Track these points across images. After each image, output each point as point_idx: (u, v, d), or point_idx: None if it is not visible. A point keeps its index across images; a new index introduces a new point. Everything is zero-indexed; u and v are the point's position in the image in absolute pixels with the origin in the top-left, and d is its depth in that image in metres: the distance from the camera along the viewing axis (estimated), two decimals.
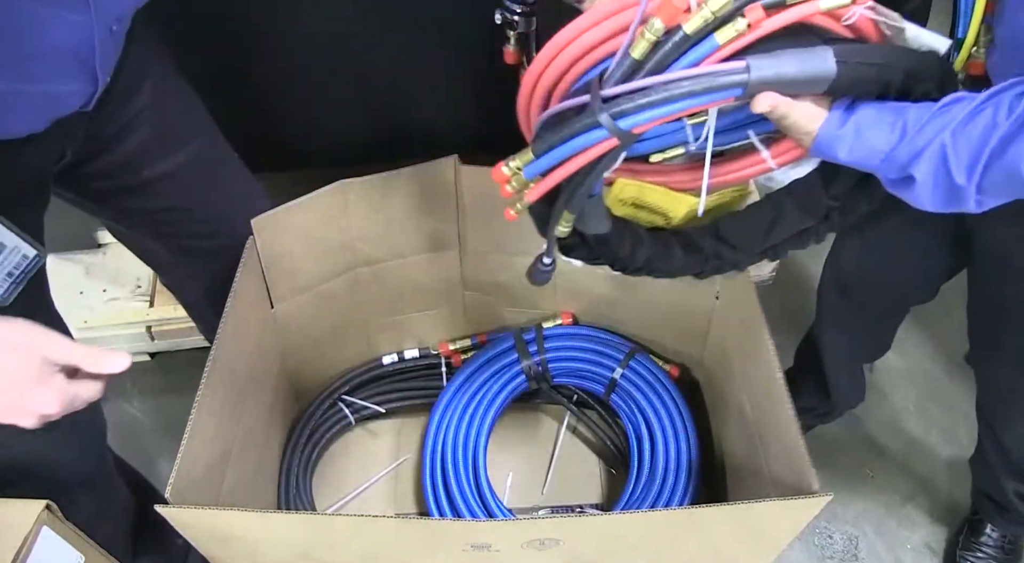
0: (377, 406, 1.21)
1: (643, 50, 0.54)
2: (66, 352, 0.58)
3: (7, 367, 0.56)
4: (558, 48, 0.59)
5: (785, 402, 0.81)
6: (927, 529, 1.26)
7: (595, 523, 0.75)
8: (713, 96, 0.54)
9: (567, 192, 0.62)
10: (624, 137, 0.54)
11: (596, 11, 0.56)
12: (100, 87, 0.68)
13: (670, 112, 0.54)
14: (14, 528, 0.79)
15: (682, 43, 0.53)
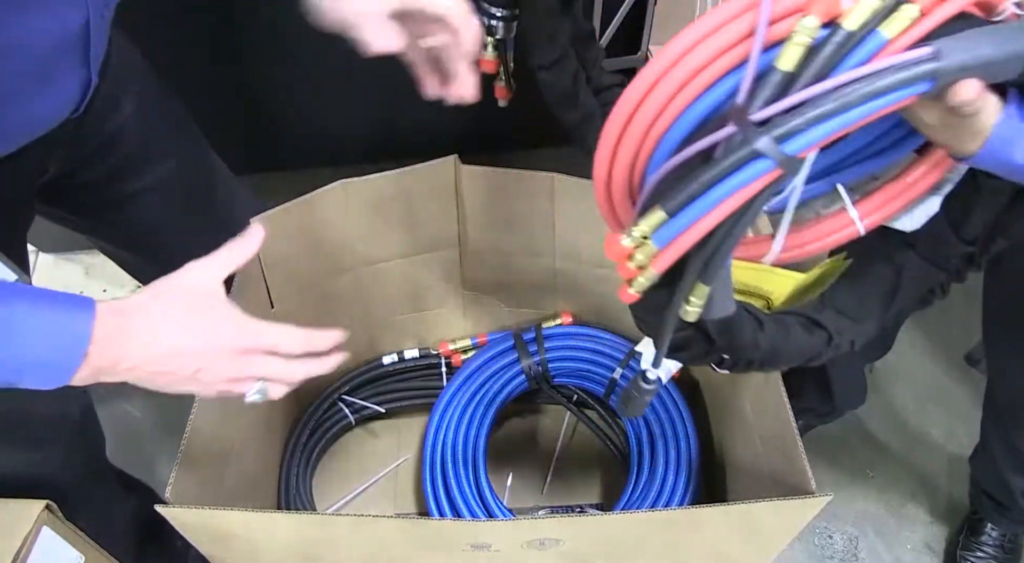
0: (377, 406, 1.21)
1: (796, 58, 0.43)
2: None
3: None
4: (658, 75, 0.46)
5: (783, 402, 0.80)
6: (927, 529, 1.26)
7: (595, 523, 0.75)
8: (900, 93, 0.44)
9: (701, 257, 0.49)
10: (790, 165, 0.44)
11: (703, 24, 0.45)
12: (91, 87, 0.66)
13: (846, 123, 0.45)
14: (14, 528, 0.79)
15: (845, 42, 0.43)
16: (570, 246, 1.10)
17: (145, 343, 0.53)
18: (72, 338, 0.50)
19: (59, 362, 0.50)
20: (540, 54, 0.79)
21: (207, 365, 0.56)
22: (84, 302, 0.51)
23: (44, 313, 0.50)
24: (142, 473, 1.19)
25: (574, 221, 1.06)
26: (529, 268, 1.15)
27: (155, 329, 0.54)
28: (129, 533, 1.04)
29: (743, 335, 0.61)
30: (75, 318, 0.50)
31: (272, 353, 0.58)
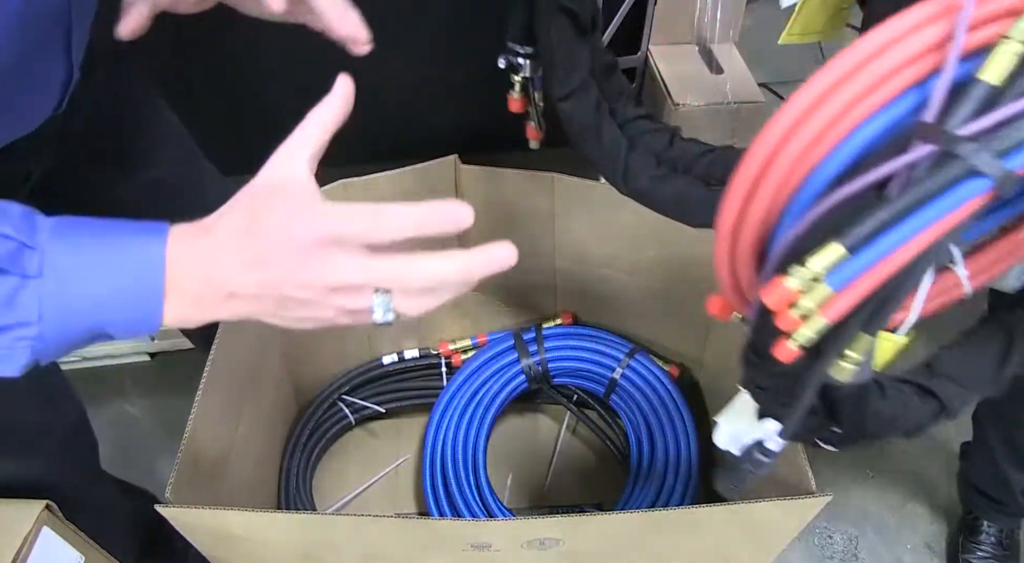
0: (377, 406, 1.21)
1: (1007, 67, 0.37)
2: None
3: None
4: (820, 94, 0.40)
5: None
6: (927, 529, 1.26)
7: (595, 523, 0.75)
8: None
9: (874, 300, 0.41)
10: (1007, 184, 0.38)
11: (887, 30, 0.38)
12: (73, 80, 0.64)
13: None
14: (14, 528, 0.79)
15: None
16: (570, 246, 1.10)
17: (225, 260, 0.44)
18: (143, 266, 0.43)
19: (135, 298, 0.43)
20: (557, 85, 0.77)
21: (292, 274, 0.43)
22: (155, 226, 0.45)
23: (109, 240, 0.44)
24: (142, 473, 1.20)
25: (574, 221, 1.06)
26: (529, 268, 1.15)
27: (233, 240, 0.44)
28: (128, 537, 1.04)
29: (869, 403, 0.53)
30: (144, 241, 0.44)
31: (374, 249, 0.45)
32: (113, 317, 0.44)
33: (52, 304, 0.42)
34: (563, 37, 0.75)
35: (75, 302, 0.43)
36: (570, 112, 0.78)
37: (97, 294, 0.43)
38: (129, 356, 1.44)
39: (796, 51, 0.85)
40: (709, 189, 0.72)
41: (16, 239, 0.41)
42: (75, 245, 0.43)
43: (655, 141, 0.77)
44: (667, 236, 1.03)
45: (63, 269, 0.42)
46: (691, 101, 1.09)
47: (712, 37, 1.20)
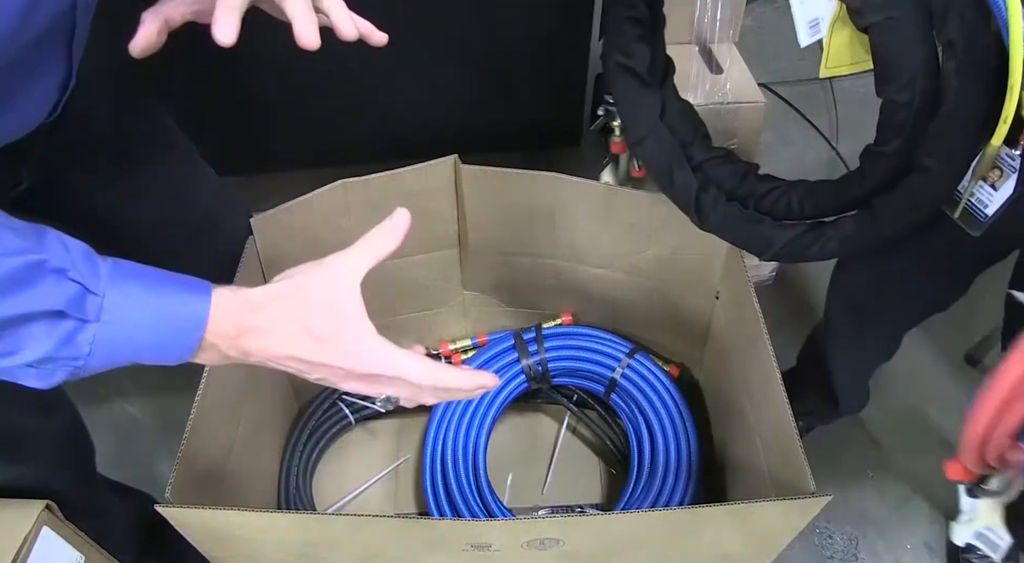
0: (377, 406, 1.21)
1: None
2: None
3: None
4: None
5: (783, 403, 0.80)
6: (927, 529, 1.26)
7: (595, 523, 0.75)
8: None
9: None
10: None
11: None
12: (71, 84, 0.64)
13: None
14: (14, 528, 0.79)
15: None
16: (570, 246, 1.10)
17: (264, 344, 0.52)
18: (186, 324, 0.50)
19: (173, 346, 0.50)
20: (629, 133, 0.85)
21: (328, 377, 0.54)
22: (200, 289, 0.51)
23: (159, 296, 0.49)
24: (142, 473, 1.20)
25: (574, 221, 1.06)
26: (529, 268, 1.15)
27: (276, 332, 0.52)
28: (126, 538, 1.04)
29: None
30: (190, 305, 0.50)
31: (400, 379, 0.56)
32: (148, 357, 0.50)
33: (102, 345, 0.47)
34: (627, 91, 0.83)
35: (122, 345, 0.48)
36: (643, 156, 0.85)
37: (142, 341, 0.49)
38: None
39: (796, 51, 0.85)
40: (778, 225, 0.77)
41: (80, 284, 0.46)
42: (130, 295, 0.48)
43: (726, 180, 0.82)
44: (667, 236, 1.03)
45: (118, 317, 0.47)
46: (691, 101, 1.09)
47: (712, 37, 1.20)
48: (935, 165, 0.63)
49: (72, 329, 0.46)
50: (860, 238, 0.73)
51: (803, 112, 1.93)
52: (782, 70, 1.94)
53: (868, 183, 0.70)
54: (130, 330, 0.48)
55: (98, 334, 0.47)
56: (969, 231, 0.72)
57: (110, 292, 0.47)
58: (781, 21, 2.20)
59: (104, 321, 0.47)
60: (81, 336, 0.46)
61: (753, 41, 2.12)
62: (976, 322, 1.46)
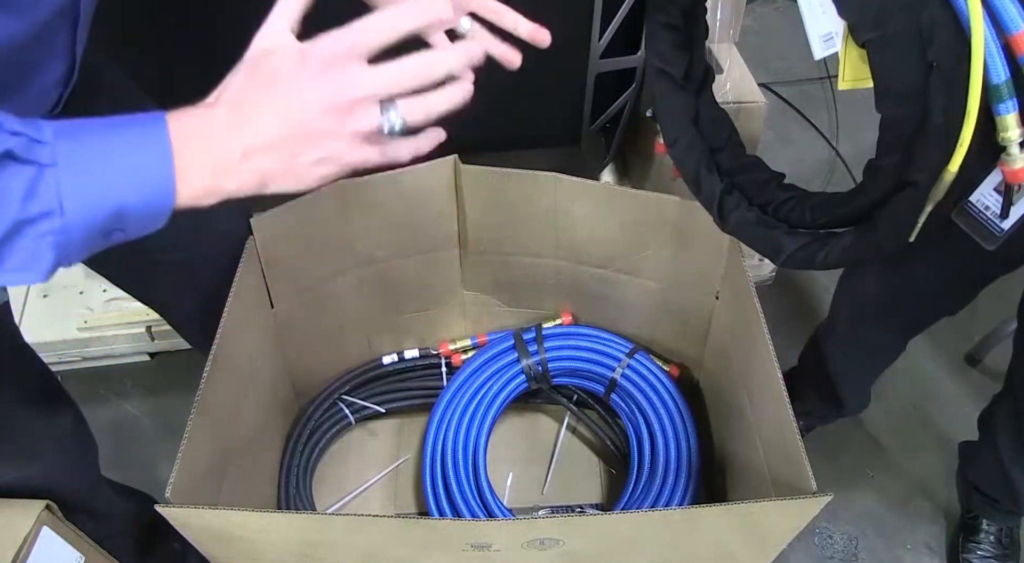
0: (377, 406, 1.21)
1: None
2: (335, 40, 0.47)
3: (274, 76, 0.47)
4: None
5: (783, 402, 0.80)
6: (927, 529, 1.26)
7: (595, 523, 0.75)
8: None
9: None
10: None
11: None
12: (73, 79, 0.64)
13: None
14: (14, 528, 0.79)
15: None
16: (570, 246, 1.10)
17: (236, 118, 0.46)
18: (149, 138, 0.45)
19: (148, 166, 0.45)
20: (665, 132, 0.88)
21: (307, 103, 0.46)
22: (153, 113, 0.46)
23: (112, 128, 0.45)
24: (142, 473, 1.20)
25: (574, 221, 1.06)
26: (529, 268, 1.15)
27: (240, 99, 0.47)
28: (127, 539, 1.04)
29: None
30: (145, 120, 0.46)
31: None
32: (130, 198, 0.45)
33: (70, 191, 0.43)
34: (663, 94, 0.87)
35: (91, 187, 0.44)
36: (675, 157, 0.88)
37: (110, 177, 0.44)
38: (129, 356, 1.44)
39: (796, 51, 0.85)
40: (790, 233, 0.79)
41: (24, 134, 0.42)
42: (80, 139, 0.44)
43: (749, 186, 0.85)
44: (667, 236, 1.03)
45: (74, 158, 0.43)
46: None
47: (712, 37, 1.20)
48: (922, 180, 0.64)
49: (32, 176, 0.42)
50: (858, 249, 0.74)
51: (803, 112, 1.93)
52: (782, 70, 1.94)
53: (870, 197, 0.71)
54: (94, 170, 0.44)
55: (61, 180, 0.43)
56: (984, 245, 0.72)
57: (59, 140, 0.43)
58: (781, 21, 2.20)
59: (62, 165, 0.43)
60: (43, 185, 0.42)
61: (753, 41, 2.12)
62: (976, 322, 1.46)
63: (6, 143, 0.42)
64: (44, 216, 0.43)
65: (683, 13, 0.86)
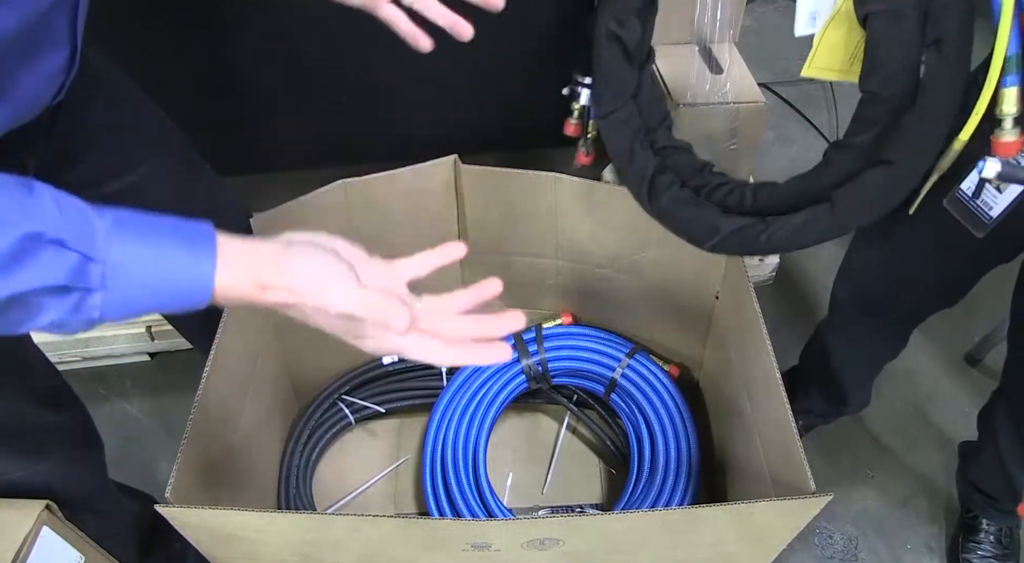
0: (377, 406, 1.21)
1: None
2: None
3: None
4: None
5: (783, 402, 0.80)
6: (927, 529, 1.26)
7: (595, 523, 0.75)
8: None
9: None
10: None
11: None
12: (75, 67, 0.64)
13: None
14: (14, 528, 0.79)
15: None
16: (570, 246, 1.10)
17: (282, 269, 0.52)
18: (193, 284, 0.49)
19: (185, 299, 0.49)
20: (602, 104, 0.85)
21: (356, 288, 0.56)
22: (204, 244, 0.50)
23: (162, 254, 0.48)
24: (142, 473, 1.20)
25: (574, 221, 1.06)
26: (529, 268, 1.15)
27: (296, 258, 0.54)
28: (130, 539, 1.04)
29: None
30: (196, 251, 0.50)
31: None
32: (164, 308, 0.49)
33: (111, 307, 0.47)
34: (612, 61, 0.84)
35: (132, 302, 0.48)
36: (608, 129, 0.85)
37: (151, 297, 0.48)
38: (129, 356, 1.44)
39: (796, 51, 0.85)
40: (726, 215, 0.78)
41: (80, 253, 0.45)
42: (132, 256, 0.47)
43: (683, 168, 0.83)
44: (667, 236, 1.03)
45: (122, 282, 0.47)
46: (691, 101, 1.09)
47: (712, 37, 1.20)
48: (898, 159, 0.65)
49: (78, 299, 0.45)
50: (811, 229, 0.73)
51: (803, 112, 1.93)
52: (782, 70, 1.94)
53: (833, 175, 0.71)
54: (137, 289, 0.47)
55: (105, 298, 0.46)
56: (974, 232, 0.72)
57: (112, 255, 0.46)
58: (781, 21, 2.19)
59: (109, 287, 0.46)
60: (89, 301, 0.46)
61: (753, 41, 2.12)
62: (976, 322, 1.46)
63: (63, 270, 0.44)
64: (84, 322, 0.47)
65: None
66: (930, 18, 0.60)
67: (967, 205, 0.72)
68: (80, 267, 0.45)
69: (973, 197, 0.70)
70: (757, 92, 1.13)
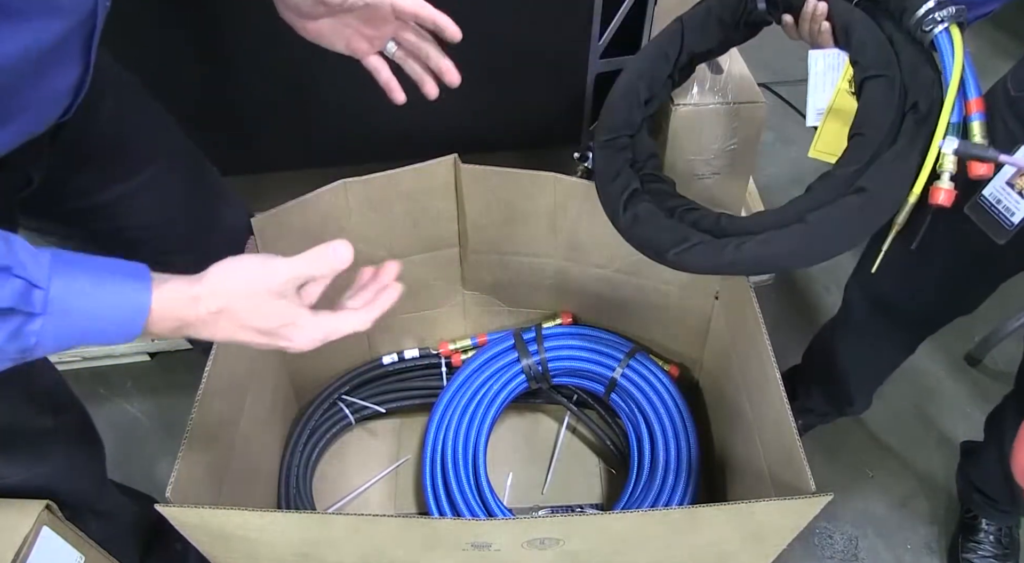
0: (377, 406, 1.21)
1: None
2: (287, 272, 0.61)
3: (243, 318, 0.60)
4: None
5: (782, 403, 0.81)
6: (927, 529, 1.26)
7: (595, 523, 0.75)
8: None
9: None
10: None
11: None
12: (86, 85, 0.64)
13: None
14: (14, 528, 0.79)
15: None
16: (570, 246, 1.10)
17: (204, 333, 0.57)
18: (129, 314, 0.52)
19: (117, 333, 0.52)
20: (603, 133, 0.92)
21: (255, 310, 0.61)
22: (140, 278, 0.53)
23: (102, 286, 0.51)
24: (142, 473, 1.20)
25: (574, 221, 1.06)
26: (529, 268, 1.15)
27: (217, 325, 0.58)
28: (130, 539, 1.04)
29: None
30: (133, 288, 0.53)
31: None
32: (94, 342, 0.53)
33: (48, 335, 0.49)
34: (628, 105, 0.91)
35: (67, 334, 0.51)
36: (603, 153, 0.91)
37: (87, 328, 0.51)
38: (129, 356, 1.44)
39: (796, 51, 0.86)
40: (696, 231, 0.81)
41: (24, 278, 0.47)
42: (74, 287, 0.50)
43: (660, 194, 0.88)
44: None
45: (63, 308, 0.49)
46: (691, 101, 1.09)
47: None
48: (873, 187, 0.72)
49: (20, 323, 0.48)
50: (781, 247, 0.75)
51: (803, 112, 1.93)
52: (782, 70, 1.94)
53: (812, 201, 0.75)
54: (76, 319, 0.50)
55: (45, 325, 0.49)
56: (995, 239, 0.74)
57: (55, 284, 0.49)
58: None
59: (51, 312, 0.49)
60: (29, 327, 0.48)
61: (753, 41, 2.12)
62: (976, 322, 1.46)
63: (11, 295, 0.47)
64: (21, 350, 0.49)
65: (680, 54, 0.91)
66: (911, 92, 0.73)
67: (989, 212, 0.74)
68: (25, 291, 0.47)
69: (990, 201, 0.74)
70: (757, 92, 1.13)
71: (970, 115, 0.72)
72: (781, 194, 1.74)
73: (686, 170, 1.14)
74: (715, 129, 1.11)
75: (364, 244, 1.08)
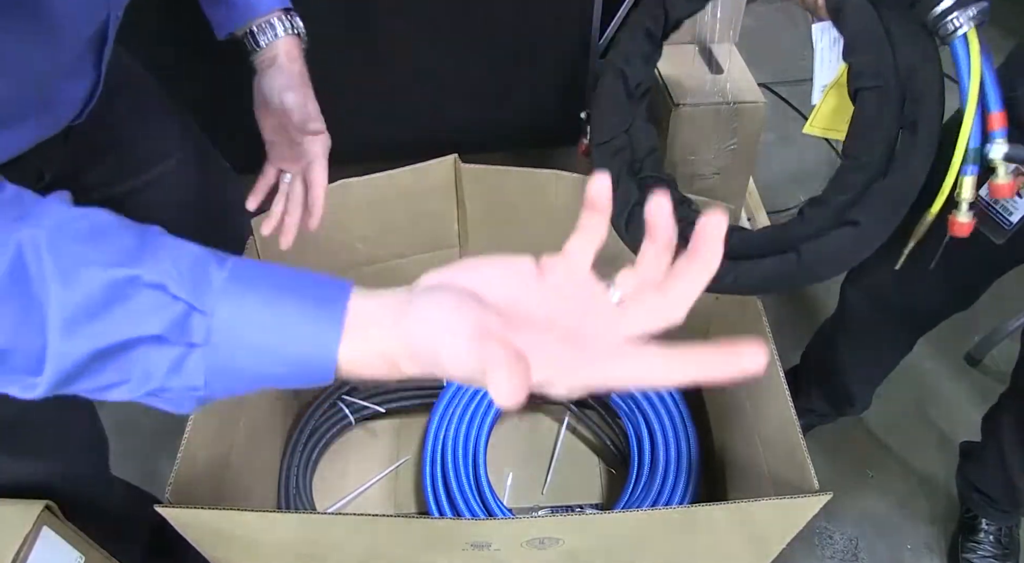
0: (377, 406, 1.21)
1: None
2: None
3: None
4: None
5: (785, 402, 0.81)
6: (927, 529, 1.26)
7: (595, 523, 0.75)
8: None
9: None
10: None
11: None
12: (97, 93, 0.65)
13: None
14: (14, 528, 0.79)
15: None
16: None
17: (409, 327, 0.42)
18: (313, 359, 0.39)
19: (301, 378, 0.40)
20: (597, 133, 0.89)
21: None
22: (332, 311, 0.41)
23: (286, 309, 0.39)
24: (142, 473, 1.20)
25: (574, 220, 1.06)
26: None
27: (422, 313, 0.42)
28: (132, 539, 1.04)
29: None
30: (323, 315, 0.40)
31: None
32: (282, 379, 0.40)
33: (218, 371, 0.39)
34: (614, 96, 0.88)
35: (242, 371, 0.39)
36: (600, 158, 0.89)
37: (265, 363, 0.39)
38: None
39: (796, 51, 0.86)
40: None
41: (184, 301, 0.37)
42: (245, 305, 0.38)
43: None
44: None
45: (229, 338, 0.38)
46: (691, 101, 1.09)
47: (712, 37, 1.20)
48: (865, 221, 0.71)
49: (178, 356, 0.38)
50: (776, 276, 0.77)
51: (803, 112, 1.93)
52: (782, 70, 1.94)
53: (805, 229, 0.75)
54: (250, 357, 0.39)
55: (210, 361, 0.38)
56: (993, 239, 0.74)
57: (222, 306, 0.38)
58: (781, 21, 2.20)
59: (216, 343, 0.38)
60: (190, 362, 0.38)
61: (753, 41, 2.12)
62: (976, 322, 1.46)
63: (162, 320, 0.37)
64: (189, 388, 0.39)
65: (665, 25, 0.87)
66: (908, 102, 0.67)
67: (987, 212, 0.73)
68: (183, 317, 0.37)
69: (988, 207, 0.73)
70: (757, 92, 1.13)
71: (992, 131, 0.64)
72: (781, 194, 1.74)
73: (686, 170, 1.15)
74: (715, 129, 1.11)
75: (364, 244, 1.08)
